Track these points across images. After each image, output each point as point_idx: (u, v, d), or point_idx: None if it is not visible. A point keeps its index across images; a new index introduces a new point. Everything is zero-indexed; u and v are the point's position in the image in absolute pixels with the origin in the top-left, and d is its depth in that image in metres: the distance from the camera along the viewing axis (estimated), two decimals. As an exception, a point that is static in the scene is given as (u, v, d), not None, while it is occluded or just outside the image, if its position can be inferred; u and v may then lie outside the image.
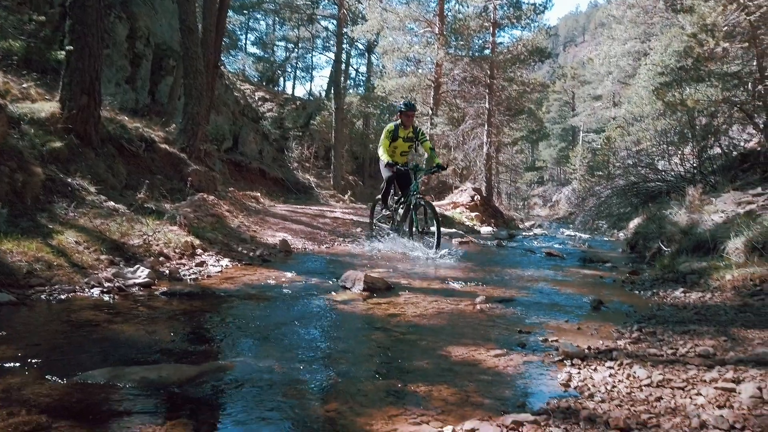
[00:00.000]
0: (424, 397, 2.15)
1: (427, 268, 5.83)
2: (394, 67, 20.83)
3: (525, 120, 24.57)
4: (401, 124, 7.17)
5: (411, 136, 7.28)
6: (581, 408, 1.98)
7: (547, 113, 50.65)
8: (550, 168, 55.53)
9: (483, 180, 19.05)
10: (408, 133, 7.24)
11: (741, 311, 3.69)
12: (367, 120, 28.10)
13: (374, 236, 7.78)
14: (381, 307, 3.84)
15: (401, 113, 7.18)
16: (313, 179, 23.02)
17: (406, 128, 7.19)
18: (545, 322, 3.57)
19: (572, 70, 52.74)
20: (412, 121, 7.24)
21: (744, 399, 1.92)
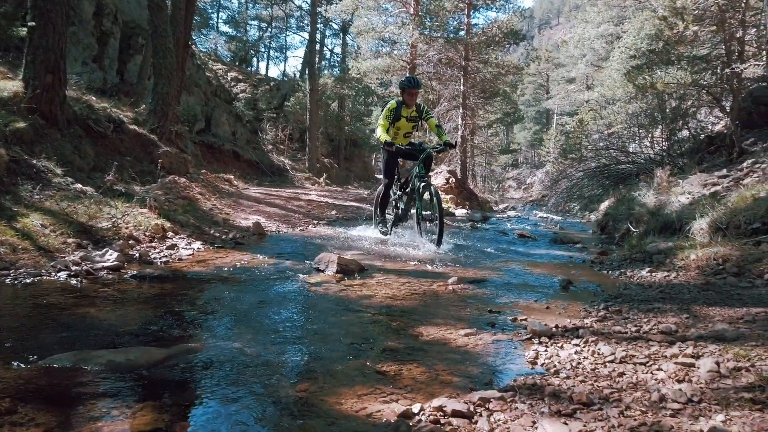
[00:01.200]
0: (394, 376, 2.18)
1: (401, 250, 5.86)
2: (369, 47, 20.63)
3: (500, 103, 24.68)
4: (403, 102, 6.44)
5: (414, 115, 6.54)
6: (546, 384, 2.03)
7: (521, 96, 50.97)
8: (525, 151, 56.03)
9: (458, 163, 19.12)
10: (411, 112, 6.51)
11: (704, 290, 3.80)
12: (342, 102, 27.85)
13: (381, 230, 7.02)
14: (354, 288, 3.86)
15: (403, 90, 6.43)
16: (287, 162, 22.81)
17: (408, 107, 6.45)
18: (515, 302, 3.63)
19: (547, 52, 53.01)
20: (415, 99, 6.50)
21: (702, 373, 1.99)
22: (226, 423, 1.77)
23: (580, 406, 1.79)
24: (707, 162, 8.65)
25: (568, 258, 5.94)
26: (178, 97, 11.36)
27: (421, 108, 6.63)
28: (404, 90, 6.42)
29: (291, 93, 26.56)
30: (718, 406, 1.70)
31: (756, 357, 2.08)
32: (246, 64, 35.15)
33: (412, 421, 1.74)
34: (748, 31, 9.56)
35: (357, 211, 10.56)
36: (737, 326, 2.64)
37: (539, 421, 1.70)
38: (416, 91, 6.45)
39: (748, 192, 5.57)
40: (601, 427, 1.62)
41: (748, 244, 4.58)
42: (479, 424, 1.71)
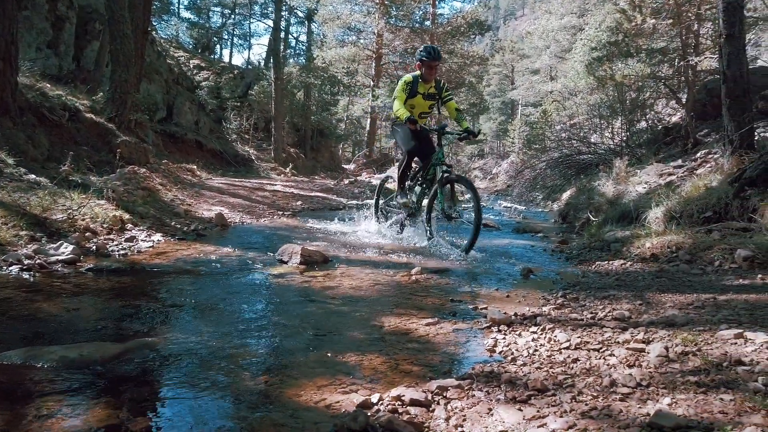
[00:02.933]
0: (354, 367, 2.19)
1: (366, 241, 5.87)
2: (335, 36, 20.49)
3: (465, 93, 24.82)
4: (421, 76, 5.56)
5: (433, 92, 5.66)
6: (503, 372, 2.07)
7: (487, 87, 51.35)
8: (490, 141, 56.54)
9: (424, 152, 19.22)
10: (429, 89, 5.63)
11: (658, 277, 3.93)
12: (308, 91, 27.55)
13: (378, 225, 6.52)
14: (317, 279, 3.85)
15: (422, 62, 5.50)
16: (253, 151, 22.48)
17: (427, 82, 5.58)
18: (477, 291, 3.69)
19: (512, 43, 53.51)
20: (435, 74, 5.63)
21: (652, 358, 2.06)
22: (185, 417, 1.75)
23: (535, 393, 1.84)
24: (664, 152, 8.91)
25: (530, 247, 6.05)
26: (138, 85, 11.06)
27: (441, 85, 5.74)
28: (422, 62, 5.51)
29: (255, 81, 26.13)
30: (666, 389, 1.76)
31: (702, 342, 2.17)
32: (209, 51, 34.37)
33: (371, 410, 1.76)
34: (704, 25, 9.86)
35: (323, 201, 10.52)
36: (687, 312, 2.74)
37: (495, 408, 1.74)
38: (436, 63, 5.56)
39: (700, 182, 5.76)
40: (553, 413, 1.67)
41: (700, 233, 4.75)
42: (436, 412, 1.74)
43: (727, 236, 4.44)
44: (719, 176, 5.49)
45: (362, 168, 21.01)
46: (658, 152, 8.97)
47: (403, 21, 18.46)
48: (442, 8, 19.21)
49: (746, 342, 2.11)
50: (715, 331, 2.28)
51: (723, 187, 5.12)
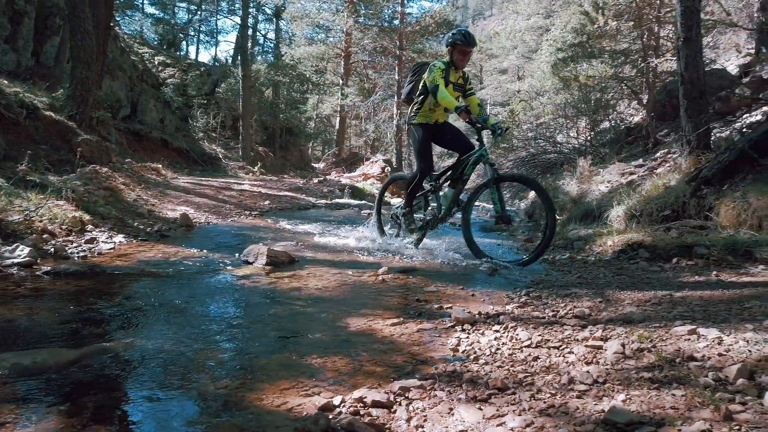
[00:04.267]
0: (318, 369, 2.18)
1: (336, 241, 5.85)
2: (304, 34, 20.34)
3: (434, 92, 24.84)
4: (452, 63, 4.92)
5: (461, 83, 5.05)
6: (466, 371, 2.09)
7: (456, 85, 51.71)
8: (460, 139, 56.95)
9: (393, 152, 19.25)
10: (458, 78, 5.00)
11: (618, 274, 4.03)
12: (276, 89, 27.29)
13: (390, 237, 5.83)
14: (283, 280, 3.82)
15: (454, 47, 4.86)
16: (220, 150, 22.13)
17: (458, 71, 4.96)
18: (443, 290, 3.71)
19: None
20: (467, 62, 5.04)
21: (609, 355, 2.11)
22: (144, 424, 1.72)
23: (496, 391, 1.86)
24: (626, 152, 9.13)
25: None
26: (100, 82, 10.78)
27: (466, 77, 5.12)
28: (455, 47, 4.87)
29: (223, 79, 25.75)
30: (621, 386, 1.80)
31: (657, 338, 2.23)
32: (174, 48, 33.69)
33: (333, 413, 1.76)
34: (665, 27, 10.13)
35: (292, 200, 10.45)
36: (644, 309, 2.81)
37: (456, 408, 1.76)
38: (470, 50, 4.94)
39: (660, 181, 5.93)
40: (512, 411, 1.69)
41: (659, 230, 4.89)
42: (398, 413, 1.75)
43: (685, 234, 4.58)
44: (677, 176, 5.66)
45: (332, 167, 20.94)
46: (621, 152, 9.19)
47: (371, 20, 18.46)
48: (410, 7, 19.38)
49: (699, 338, 2.18)
50: (670, 328, 2.35)
51: (681, 186, 5.28)
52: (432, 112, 5.09)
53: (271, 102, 27.15)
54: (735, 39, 13.89)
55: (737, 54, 13.29)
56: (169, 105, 21.43)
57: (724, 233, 4.38)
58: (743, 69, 10.74)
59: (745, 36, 12.87)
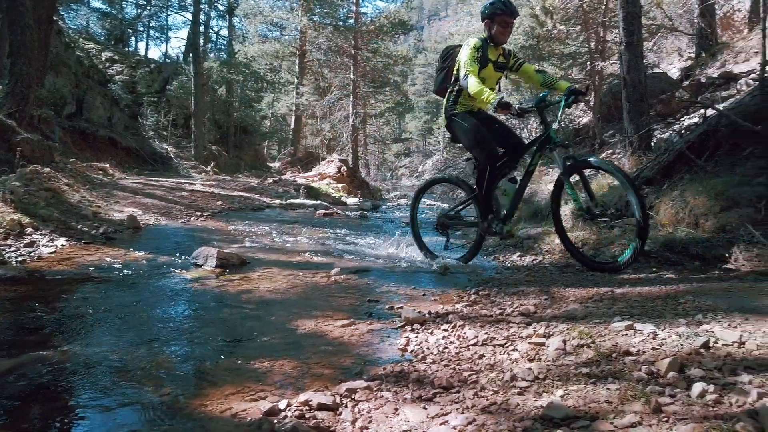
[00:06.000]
0: (265, 373, 2.16)
1: (287, 242, 5.80)
2: (257, 32, 20.05)
3: (390, 92, 25.06)
4: (491, 38, 4.13)
5: (503, 61, 4.26)
6: (413, 371, 2.12)
7: (412, 86, 52.15)
8: (417, 140, 57.47)
9: (349, 151, 19.24)
10: (499, 56, 4.22)
11: (564, 272, 4.14)
12: (230, 87, 26.84)
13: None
14: (233, 283, 3.77)
15: (493, 19, 4.09)
16: (172, 149, 21.58)
17: (498, 46, 4.18)
18: (394, 290, 3.74)
19: (436, 44, 54.53)
20: (509, 35, 4.23)
21: (550, 352, 2.17)
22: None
23: (441, 390, 1.89)
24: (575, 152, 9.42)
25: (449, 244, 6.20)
26: (42, 79, 10.37)
27: (508, 52, 4.32)
28: (494, 18, 4.09)
29: (174, 76, 25.12)
30: (560, 381, 1.86)
31: (597, 334, 2.31)
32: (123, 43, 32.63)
33: (277, 417, 1.74)
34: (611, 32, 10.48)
35: (245, 201, 10.30)
36: (586, 305, 2.90)
37: (401, 408, 1.77)
38: (512, 20, 4.19)
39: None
40: (456, 409, 1.72)
41: (603, 228, 5.05)
42: (343, 415, 1.75)
43: (627, 232, 4.74)
44: (621, 175, 5.86)
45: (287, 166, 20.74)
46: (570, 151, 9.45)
47: (326, 18, 18.38)
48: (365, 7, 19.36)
49: (635, 333, 2.26)
50: (609, 324, 2.43)
51: (624, 185, 5.46)
52: (473, 99, 4.22)
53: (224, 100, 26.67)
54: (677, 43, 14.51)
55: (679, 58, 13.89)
56: (118, 103, 20.75)
57: (663, 231, 4.57)
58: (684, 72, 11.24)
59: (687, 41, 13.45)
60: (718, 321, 2.28)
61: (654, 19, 12.12)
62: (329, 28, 18.01)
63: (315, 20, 17.91)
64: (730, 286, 2.97)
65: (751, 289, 2.84)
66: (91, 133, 17.05)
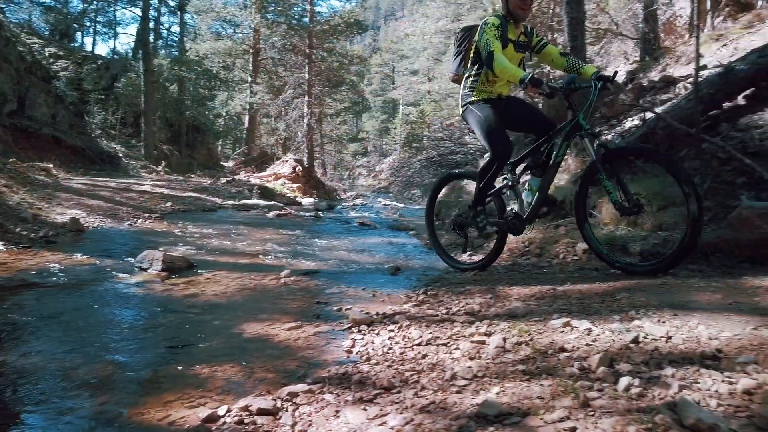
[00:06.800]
0: (206, 379, 2.14)
1: (238, 244, 5.72)
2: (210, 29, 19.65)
3: (346, 91, 25.02)
4: (510, 15, 3.72)
5: (524, 41, 3.82)
6: (356, 372, 2.13)
7: (369, 85, 52.20)
8: (373, 139, 57.56)
9: (305, 151, 19.10)
10: (519, 35, 3.79)
11: (510, 270, 4.24)
12: (182, 84, 26.19)
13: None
14: (179, 287, 3.70)
15: None
16: (120, 148, 20.89)
17: (518, 24, 3.77)
18: (344, 291, 3.75)
19: (392, 44, 54.77)
20: (529, 13, 3.92)
21: (490, 350, 2.22)
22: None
23: (382, 391, 1.91)
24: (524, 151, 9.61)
25: (402, 245, 6.26)
26: (-23, 75, 9.85)
27: (530, 30, 3.89)
28: None
29: (122, 73, 24.33)
30: (497, 379, 1.91)
31: (535, 331, 2.38)
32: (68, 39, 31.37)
33: (216, 424, 1.73)
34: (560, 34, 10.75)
35: (196, 202, 10.09)
36: (528, 303, 2.98)
37: (342, 410, 1.79)
38: None
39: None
40: (395, 410, 1.74)
41: (549, 228, 5.20)
42: (283, 419, 1.75)
43: (571, 231, 4.90)
44: (566, 176, 6.04)
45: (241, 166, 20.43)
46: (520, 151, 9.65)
47: (280, 17, 18.17)
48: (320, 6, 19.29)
49: (572, 330, 2.34)
50: (548, 321, 2.50)
51: (568, 186, 5.64)
52: (492, 84, 3.86)
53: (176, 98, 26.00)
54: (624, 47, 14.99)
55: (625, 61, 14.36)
56: (63, 100, 19.95)
57: (605, 230, 4.74)
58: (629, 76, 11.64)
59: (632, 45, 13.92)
60: (649, 317, 2.38)
61: (601, 23, 12.52)
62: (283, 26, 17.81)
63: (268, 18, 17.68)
64: (664, 282, 3.10)
65: (683, 285, 2.98)
66: (34, 131, 16.33)
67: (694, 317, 2.31)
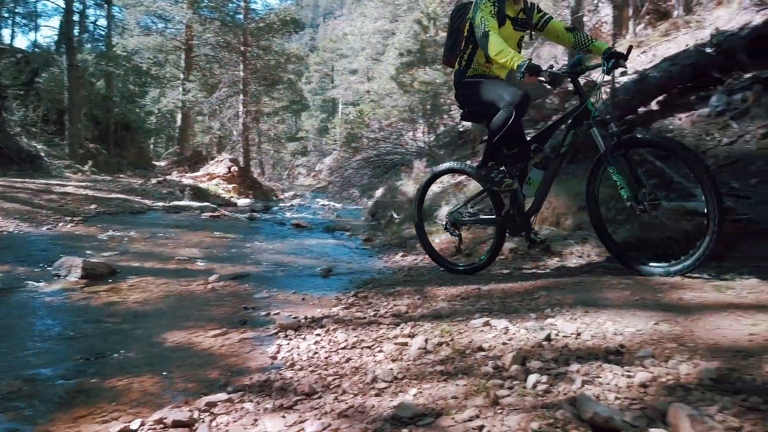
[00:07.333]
0: (122, 391, 2.07)
1: (166, 248, 5.55)
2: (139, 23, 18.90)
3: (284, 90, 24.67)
4: None
5: (524, 18, 3.53)
6: (279, 379, 2.12)
7: (308, 84, 51.72)
8: (313, 138, 57.06)
9: (240, 150, 18.70)
10: (519, 12, 3.52)
11: (440, 270, 4.32)
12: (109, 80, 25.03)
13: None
14: (100, 295, 3.55)
15: None
16: (43, 147, 19.76)
17: (516, 0, 3.50)
18: (274, 296, 3.71)
19: (331, 42, 54.48)
20: None
21: (412, 351, 2.27)
22: None
23: (303, 397, 1.92)
24: (458, 154, 9.86)
25: (336, 246, 6.26)
26: None
27: (530, 6, 3.58)
28: None
29: (44, 68, 23.01)
30: (416, 380, 1.95)
31: (456, 331, 2.44)
32: (-17, 29, 29.38)
33: (129, 438, 1.68)
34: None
35: (124, 204, 9.69)
36: (453, 304, 3.06)
37: (261, 418, 1.78)
38: None
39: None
40: (314, 416, 1.76)
41: (478, 228, 5.34)
42: (199, 430, 1.73)
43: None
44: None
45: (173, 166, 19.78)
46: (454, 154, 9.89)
47: (213, 13, 17.71)
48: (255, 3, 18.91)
49: (491, 329, 2.42)
50: (470, 321, 2.58)
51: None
52: (490, 64, 3.52)
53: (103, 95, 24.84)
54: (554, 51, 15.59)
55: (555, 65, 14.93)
56: (-25, 95, 18.66)
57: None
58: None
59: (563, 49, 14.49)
60: (563, 314, 2.50)
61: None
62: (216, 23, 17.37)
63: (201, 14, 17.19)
64: (581, 280, 3.26)
65: (597, 282, 3.13)
66: (-57, 129, 15.20)
67: (603, 314, 2.44)
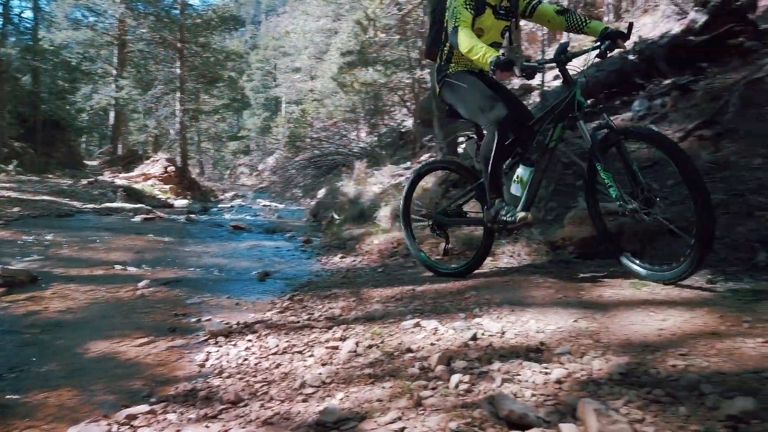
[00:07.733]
0: (36, 407, 1.98)
1: (94, 253, 5.33)
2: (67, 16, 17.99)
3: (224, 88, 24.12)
4: None
5: (507, 5, 3.21)
6: (205, 388, 2.08)
7: (250, 82, 50.73)
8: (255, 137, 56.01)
9: (178, 150, 18.15)
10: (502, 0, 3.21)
11: (378, 272, 4.36)
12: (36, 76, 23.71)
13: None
14: (19, 304, 3.37)
15: None
16: (-39, 146, 18.53)
17: None
18: (206, 301, 3.63)
19: (273, 40, 53.65)
20: None
21: (343, 355, 2.28)
22: None
23: (229, 406, 1.89)
24: (399, 155, 9.95)
25: (275, 248, 6.19)
26: None
27: None
28: None
29: (-38, 61, 21.53)
30: (344, 384, 1.96)
31: (387, 333, 2.47)
32: None
33: (39, 457, 1.61)
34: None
35: (51, 206, 9.22)
36: (387, 305, 3.08)
37: (183, 429, 1.74)
38: None
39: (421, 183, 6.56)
40: (238, 424, 1.73)
41: (417, 229, 5.41)
42: (117, 445, 1.68)
43: (419, 231, 5.13)
44: (433, 179, 6.32)
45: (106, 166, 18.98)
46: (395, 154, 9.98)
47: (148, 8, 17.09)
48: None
49: (420, 330, 2.46)
50: (401, 322, 2.61)
51: (435, 188, 5.91)
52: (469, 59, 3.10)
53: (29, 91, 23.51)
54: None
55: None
56: None
57: (466, 229, 5.02)
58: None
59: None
60: (490, 314, 2.57)
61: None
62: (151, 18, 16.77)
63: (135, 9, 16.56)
64: (510, 279, 3.36)
65: (525, 281, 3.24)
66: None
67: (528, 312, 2.52)
